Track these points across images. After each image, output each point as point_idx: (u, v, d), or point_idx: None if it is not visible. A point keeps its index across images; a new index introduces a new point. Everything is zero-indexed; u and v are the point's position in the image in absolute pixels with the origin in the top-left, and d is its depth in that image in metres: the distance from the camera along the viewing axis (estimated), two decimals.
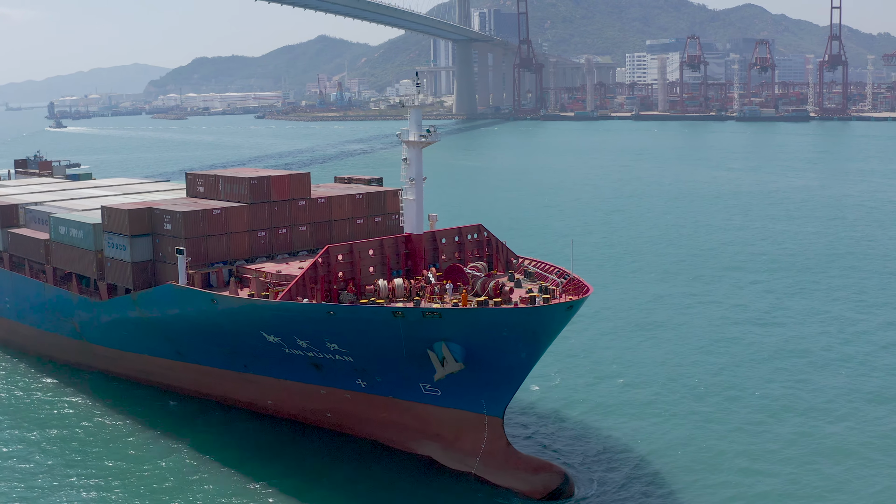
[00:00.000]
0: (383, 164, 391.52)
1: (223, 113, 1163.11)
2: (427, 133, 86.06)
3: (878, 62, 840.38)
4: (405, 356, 79.05)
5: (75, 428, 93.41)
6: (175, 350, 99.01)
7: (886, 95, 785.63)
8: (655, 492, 76.39)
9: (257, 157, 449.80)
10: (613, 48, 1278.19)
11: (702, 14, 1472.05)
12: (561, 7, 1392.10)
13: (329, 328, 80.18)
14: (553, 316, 77.12)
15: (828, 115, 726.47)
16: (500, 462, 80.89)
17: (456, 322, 75.79)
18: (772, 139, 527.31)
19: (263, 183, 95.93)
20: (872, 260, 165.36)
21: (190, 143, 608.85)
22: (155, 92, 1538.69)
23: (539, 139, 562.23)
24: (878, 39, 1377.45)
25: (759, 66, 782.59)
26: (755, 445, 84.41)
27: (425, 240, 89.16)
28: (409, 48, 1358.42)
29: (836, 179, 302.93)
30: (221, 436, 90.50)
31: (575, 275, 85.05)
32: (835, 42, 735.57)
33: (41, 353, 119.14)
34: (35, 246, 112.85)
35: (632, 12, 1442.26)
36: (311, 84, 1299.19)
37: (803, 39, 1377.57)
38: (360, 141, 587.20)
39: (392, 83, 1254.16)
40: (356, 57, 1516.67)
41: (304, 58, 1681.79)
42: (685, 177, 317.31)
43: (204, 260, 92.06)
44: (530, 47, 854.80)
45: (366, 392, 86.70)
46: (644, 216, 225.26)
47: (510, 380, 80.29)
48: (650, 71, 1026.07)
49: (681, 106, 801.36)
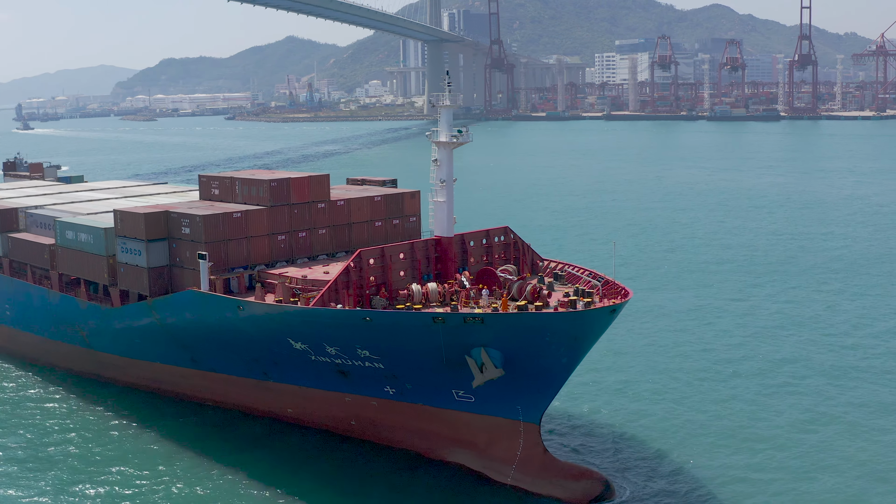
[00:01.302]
0: (363, 164, 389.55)
1: (192, 114, 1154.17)
2: (458, 133, 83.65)
3: (848, 62, 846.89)
4: (444, 362, 76.81)
5: (85, 438, 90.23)
6: (190, 358, 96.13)
7: (856, 95, 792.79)
8: (698, 500, 74.64)
9: (234, 159, 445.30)
10: (582, 48, 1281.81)
11: (669, 14, 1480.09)
12: (529, 7, 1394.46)
13: (363, 335, 77.81)
14: (596, 320, 75.28)
15: (798, 114, 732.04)
16: (537, 469, 78.89)
17: (498, 327, 73.69)
18: (746, 138, 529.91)
19: (283, 185, 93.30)
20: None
21: (163, 144, 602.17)
22: (123, 93, 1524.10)
23: (513, 139, 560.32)
24: (846, 39, 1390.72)
25: (729, 66, 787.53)
26: (802, 459, 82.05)
27: (454, 243, 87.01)
28: (378, 49, 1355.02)
29: (838, 180, 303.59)
30: (243, 445, 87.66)
31: (608, 277, 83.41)
32: (805, 42, 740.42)
33: (43, 362, 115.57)
34: (39, 251, 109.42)
35: (600, 13, 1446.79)
36: (279, 85, 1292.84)
37: (770, 39, 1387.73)
38: (334, 142, 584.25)
39: (361, 84, 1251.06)
40: (325, 58, 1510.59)
41: (272, 59, 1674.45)
42: (675, 176, 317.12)
43: (224, 265, 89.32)
44: (502, 48, 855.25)
45: (394, 399, 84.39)
46: (642, 216, 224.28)
47: (549, 385, 78.36)
48: (619, 71, 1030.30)
49: (651, 106, 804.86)
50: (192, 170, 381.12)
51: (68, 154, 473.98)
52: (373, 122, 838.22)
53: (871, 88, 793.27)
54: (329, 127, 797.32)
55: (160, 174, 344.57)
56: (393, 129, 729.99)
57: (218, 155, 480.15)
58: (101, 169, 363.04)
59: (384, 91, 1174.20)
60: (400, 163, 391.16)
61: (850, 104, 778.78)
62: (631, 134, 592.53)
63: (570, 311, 74.17)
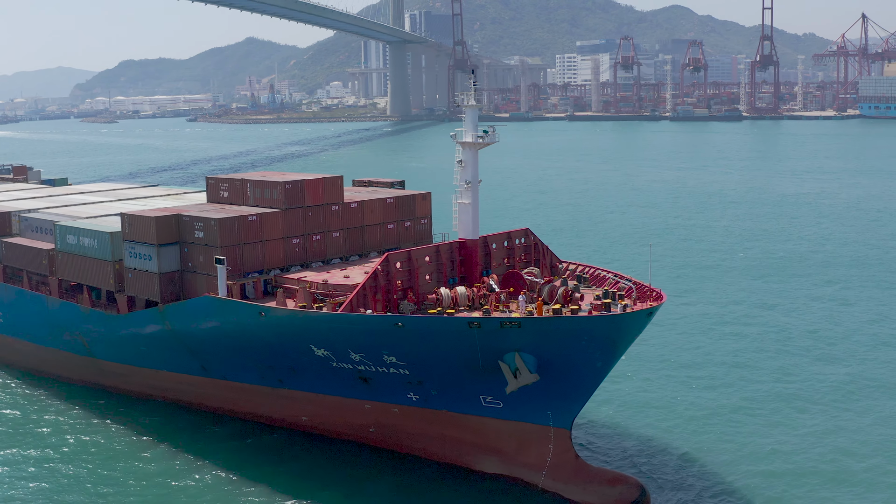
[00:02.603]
0: (335, 165, 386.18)
1: (153, 116, 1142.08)
2: (484, 133, 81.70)
3: (809, 62, 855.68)
4: (478, 368, 74.94)
5: (93, 449, 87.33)
6: (199, 365, 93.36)
7: (816, 95, 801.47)
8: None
9: (202, 161, 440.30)
10: (543, 49, 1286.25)
11: (629, 15, 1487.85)
12: (490, 9, 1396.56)
13: (392, 341, 75.72)
14: (634, 323, 73.94)
15: (760, 114, 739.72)
16: (569, 475, 77.33)
17: (535, 332, 72.00)
18: (711, 138, 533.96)
19: (298, 187, 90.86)
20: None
21: (128, 146, 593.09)
22: (82, 95, 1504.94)
23: None
24: (804, 40, 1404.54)
25: (691, 67, 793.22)
26: (833, 464, 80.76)
27: (478, 245, 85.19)
28: (339, 50, 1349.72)
29: (841, 179, 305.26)
30: (261, 455, 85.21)
31: (636, 279, 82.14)
32: (766, 42, 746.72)
33: (38, 370, 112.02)
34: (36, 256, 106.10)
35: (560, 13, 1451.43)
36: (240, 86, 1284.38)
37: (730, 40, 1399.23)
38: (300, 143, 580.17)
39: (322, 85, 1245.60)
40: (285, 59, 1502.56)
41: (231, 60, 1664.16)
42: (661, 176, 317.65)
43: (239, 269, 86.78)
44: (465, 49, 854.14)
45: (417, 406, 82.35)
46: (642, 215, 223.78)
47: (582, 390, 76.81)
48: (580, 72, 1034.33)
49: (614, 106, 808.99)
50: (161, 171, 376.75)
51: (32, 156, 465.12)
52: (336, 124, 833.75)
53: (832, 88, 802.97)
54: (292, 128, 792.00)
55: (132, 176, 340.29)
56: (358, 130, 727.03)
57: (186, 157, 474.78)
58: (72, 171, 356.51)
59: (345, 92, 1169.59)
60: (372, 164, 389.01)
61: (811, 104, 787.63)
62: (597, 134, 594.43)
63: (609, 314, 72.74)
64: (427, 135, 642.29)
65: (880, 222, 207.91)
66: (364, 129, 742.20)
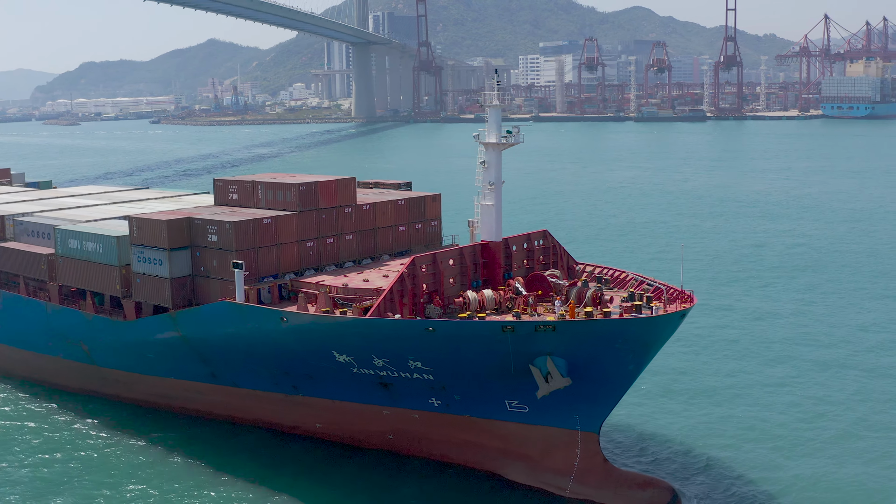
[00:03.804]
0: (303, 166, 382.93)
1: (116, 118, 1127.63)
2: (508, 134, 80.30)
3: (771, 62, 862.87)
4: (512, 372, 73.55)
5: (103, 462, 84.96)
6: (210, 372, 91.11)
7: (779, 95, 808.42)
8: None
9: (171, 162, 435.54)
10: (506, 50, 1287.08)
11: (591, 16, 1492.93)
12: (452, 10, 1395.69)
13: (420, 345, 74.12)
14: (667, 325, 72.97)
15: (723, 114, 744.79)
16: (598, 480, 76.23)
17: (569, 335, 70.74)
18: (678, 138, 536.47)
19: (312, 189, 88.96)
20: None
21: (95, 149, 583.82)
22: (42, 98, 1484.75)
23: (445, 141, 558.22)
24: (765, 41, 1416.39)
25: (656, 68, 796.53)
26: (868, 466, 79.99)
27: (501, 248, 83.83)
28: (301, 51, 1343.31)
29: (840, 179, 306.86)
30: (282, 467, 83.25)
31: (659, 281, 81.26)
32: (730, 43, 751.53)
33: (35, 378, 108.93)
34: (34, 261, 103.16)
35: (522, 15, 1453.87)
36: (202, 88, 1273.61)
37: (691, 41, 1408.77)
38: (266, 145, 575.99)
39: (285, 87, 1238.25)
40: (247, 61, 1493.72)
41: (193, 62, 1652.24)
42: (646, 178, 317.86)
43: (255, 274, 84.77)
44: (430, 50, 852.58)
45: (438, 411, 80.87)
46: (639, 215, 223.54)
47: (612, 393, 75.82)
48: (544, 73, 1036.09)
49: (579, 107, 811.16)
50: (136, 174, 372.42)
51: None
52: (301, 125, 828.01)
53: (794, 89, 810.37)
54: (257, 130, 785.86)
55: (108, 178, 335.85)
56: (323, 131, 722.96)
57: (154, 158, 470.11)
58: (46, 174, 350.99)
59: (309, 94, 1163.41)
60: (343, 165, 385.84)
61: (774, 104, 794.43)
62: (563, 135, 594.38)
63: (644, 316, 71.68)
64: (393, 136, 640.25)
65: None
66: (329, 130, 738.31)
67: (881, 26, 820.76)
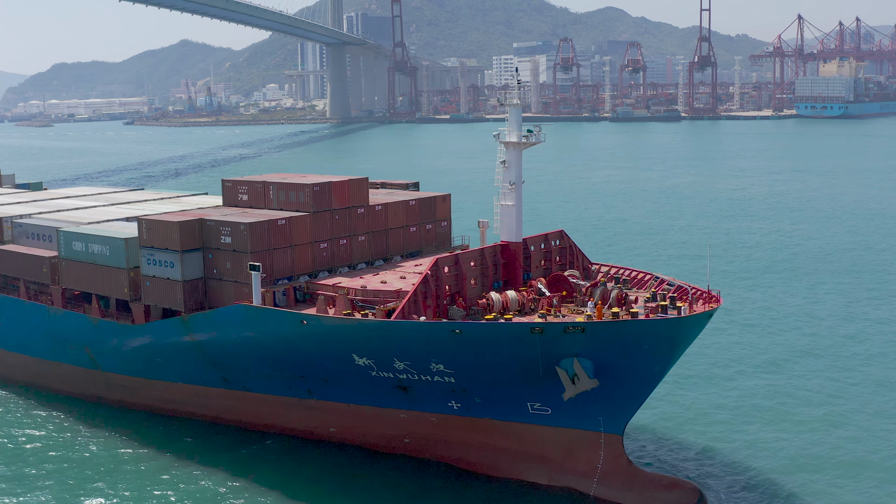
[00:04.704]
0: (282, 166, 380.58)
1: (89, 119, 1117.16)
2: (529, 133, 79.39)
3: (745, 62, 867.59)
4: (540, 374, 72.58)
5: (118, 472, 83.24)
6: (221, 377, 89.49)
7: (752, 95, 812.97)
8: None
9: (148, 163, 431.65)
10: (479, 51, 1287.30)
11: (564, 17, 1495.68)
12: (426, 11, 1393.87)
13: (445, 348, 72.97)
14: (695, 326, 72.35)
15: (698, 114, 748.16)
16: (623, 482, 75.46)
17: (598, 336, 69.89)
18: (654, 138, 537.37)
19: (325, 189, 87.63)
20: None
21: (71, 150, 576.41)
22: (14, 99, 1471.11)
23: (422, 141, 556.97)
24: (737, 41, 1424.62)
25: (631, 68, 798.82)
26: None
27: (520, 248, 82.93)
28: (275, 52, 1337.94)
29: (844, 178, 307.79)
30: (299, 473, 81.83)
31: (679, 281, 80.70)
32: (704, 44, 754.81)
33: (35, 384, 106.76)
34: (35, 264, 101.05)
35: (495, 15, 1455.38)
36: (175, 89, 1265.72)
37: (663, 42, 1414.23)
38: (243, 146, 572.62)
39: (258, 87, 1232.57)
40: (220, 62, 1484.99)
41: (166, 63, 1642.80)
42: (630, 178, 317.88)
43: (270, 276, 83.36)
44: (405, 50, 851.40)
45: (458, 414, 79.78)
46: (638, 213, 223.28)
47: (637, 394, 75.07)
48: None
49: (554, 107, 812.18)
50: (109, 174, 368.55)
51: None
52: (276, 126, 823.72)
53: (767, 89, 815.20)
54: (232, 131, 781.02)
55: (85, 179, 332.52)
56: (298, 132, 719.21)
57: (131, 159, 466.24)
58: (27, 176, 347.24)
59: (282, 95, 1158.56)
60: (321, 166, 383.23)
61: (748, 104, 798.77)
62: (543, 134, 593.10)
63: (672, 316, 71.02)
64: (369, 136, 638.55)
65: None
66: (305, 131, 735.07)
67: (854, 26, 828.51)
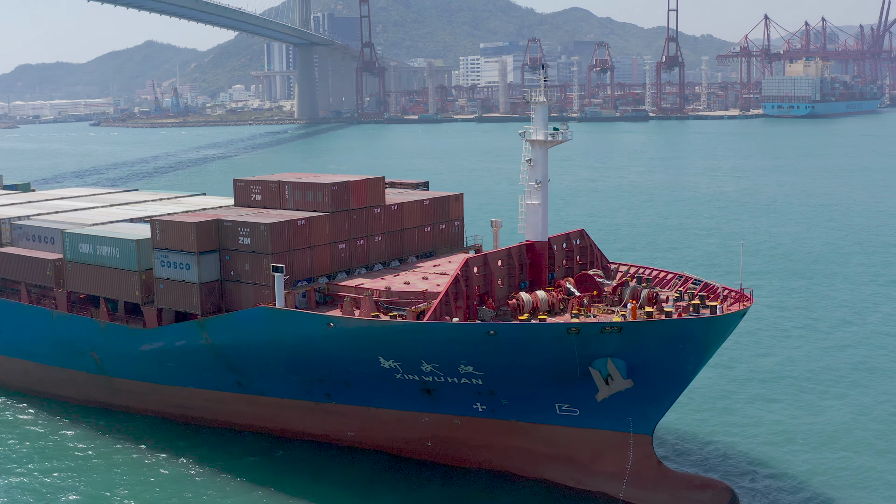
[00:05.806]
0: (254, 167, 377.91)
1: (55, 121, 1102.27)
2: (555, 131, 78.52)
3: (712, 62, 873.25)
4: (577, 375, 71.67)
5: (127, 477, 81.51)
6: (235, 381, 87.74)
7: (719, 95, 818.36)
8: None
9: (121, 164, 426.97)
10: (445, 52, 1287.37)
11: (530, 18, 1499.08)
12: (392, 11, 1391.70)
13: (476, 349, 71.85)
14: (728, 325, 71.83)
15: (666, 114, 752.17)
16: (653, 482, 74.73)
17: (634, 336, 69.11)
18: (624, 138, 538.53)
19: (343, 189, 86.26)
20: None
21: (43, 151, 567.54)
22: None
23: (391, 142, 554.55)
24: (702, 41, 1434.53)
25: (599, 68, 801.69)
26: None
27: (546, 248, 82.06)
28: (241, 53, 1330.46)
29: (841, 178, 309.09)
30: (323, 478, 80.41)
31: (704, 279, 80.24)
32: (672, 44, 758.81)
33: (37, 391, 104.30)
34: (38, 267, 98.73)
35: (461, 16, 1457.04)
36: (140, 90, 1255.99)
37: (629, 42, 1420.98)
38: (214, 146, 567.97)
39: (224, 88, 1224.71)
40: (185, 62, 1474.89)
41: (130, 63, 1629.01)
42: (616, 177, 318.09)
43: (290, 277, 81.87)
44: (373, 51, 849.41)
45: (483, 416, 78.69)
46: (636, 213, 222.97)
47: (669, 394, 74.35)
48: (485, 73, 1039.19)
49: (522, 107, 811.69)
50: (88, 174, 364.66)
51: None
52: (244, 127, 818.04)
53: (734, 89, 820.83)
54: (200, 132, 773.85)
55: (59, 179, 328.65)
56: (267, 133, 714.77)
57: (105, 160, 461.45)
58: None
59: (248, 95, 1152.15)
60: (293, 166, 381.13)
61: (715, 104, 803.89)
62: (509, 136, 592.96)
63: (706, 316, 70.45)
64: (338, 137, 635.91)
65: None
66: (273, 131, 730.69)
67: (820, 26, 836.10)
